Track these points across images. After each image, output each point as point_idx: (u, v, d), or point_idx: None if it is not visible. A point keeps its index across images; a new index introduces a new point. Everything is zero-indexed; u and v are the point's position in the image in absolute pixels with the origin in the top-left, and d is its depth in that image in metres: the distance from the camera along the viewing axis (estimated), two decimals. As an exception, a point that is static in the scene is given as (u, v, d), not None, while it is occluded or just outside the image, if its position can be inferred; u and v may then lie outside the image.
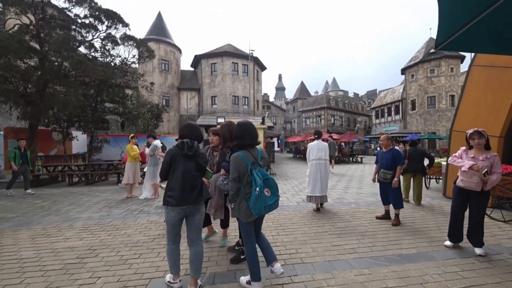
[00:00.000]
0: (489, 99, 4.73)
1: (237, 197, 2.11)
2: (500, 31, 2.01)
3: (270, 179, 2.08)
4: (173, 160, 2.20)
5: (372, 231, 3.63)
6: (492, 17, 1.82)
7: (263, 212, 2.02)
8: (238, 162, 2.06)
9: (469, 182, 2.79)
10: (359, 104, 48.20)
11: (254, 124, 2.31)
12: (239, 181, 2.08)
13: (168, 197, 2.15)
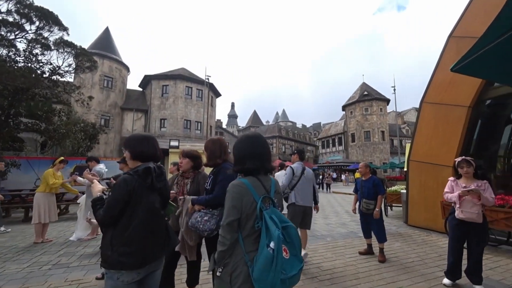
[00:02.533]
0: (440, 132, 5.29)
1: (229, 259, 1.22)
2: (505, 61, 2.01)
3: (291, 228, 1.24)
4: (132, 196, 1.36)
5: (364, 272, 3.16)
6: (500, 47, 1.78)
7: None
8: (241, 194, 1.24)
9: (470, 214, 2.64)
10: (306, 134, 52.40)
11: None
12: (238, 228, 1.24)
13: (124, 256, 1.29)
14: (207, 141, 2.17)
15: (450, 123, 5.09)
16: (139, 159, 1.49)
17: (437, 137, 5.32)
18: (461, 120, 4.91)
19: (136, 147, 1.51)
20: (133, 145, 1.51)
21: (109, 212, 1.33)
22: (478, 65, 1.98)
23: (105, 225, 1.39)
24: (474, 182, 2.72)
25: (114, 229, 1.34)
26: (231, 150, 1.70)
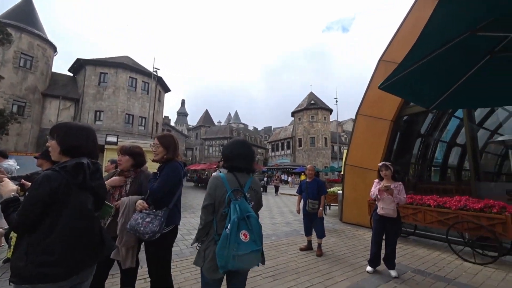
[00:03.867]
0: (370, 141, 6.17)
1: (205, 237, 1.54)
2: (413, 81, 2.46)
3: (253, 218, 1.48)
4: (56, 196, 1.12)
5: (303, 267, 3.40)
6: (420, 68, 2.19)
7: (232, 266, 1.36)
8: (216, 185, 1.55)
9: (388, 210, 3.15)
10: (258, 137, 53.93)
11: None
12: (213, 212, 1.54)
13: (44, 267, 1.07)
14: (167, 136, 2.01)
15: (377, 133, 6.00)
16: (69, 154, 1.22)
17: (367, 145, 6.20)
18: (385, 132, 5.84)
19: (69, 138, 1.23)
20: (65, 136, 1.23)
21: (25, 216, 1.08)
22: (398, 86, 2.39)
23: (20, 232, 1.12)
24: (392, 183, 3.26)
25: (31, 236, 1.09)
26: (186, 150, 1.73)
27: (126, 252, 1.81)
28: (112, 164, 3.02)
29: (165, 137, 1.94)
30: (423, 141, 9.57)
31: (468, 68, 2.35)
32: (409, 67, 2.09)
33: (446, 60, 2.21)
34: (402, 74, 2.13)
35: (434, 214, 4.23)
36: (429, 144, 9.90)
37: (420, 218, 4.47)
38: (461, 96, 2.59)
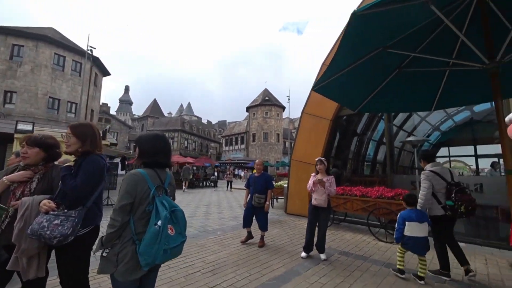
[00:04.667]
0: (313, 138, 6.74)
1: (118, 240, 1.41)
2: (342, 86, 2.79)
3: (179, 211, 1.53)
4: None
5: (244, 258, 3.55)
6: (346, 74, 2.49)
7: (160, 260, 1.39)
8: (136, 182, 1.44)
9: (320, 200, 3.54)
10: (211, 131, 52.85)
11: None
12: (130, 212, 1.42)
13: None
14: (83, 125, 1.77)
15: (319, 131, 6.61)
16: None
17: (310, 142, 6.77)
18: (325, 130, 6.47)
19: None
20: None
21: None
22: (329, 90, 2.68)
23: None
24: (326, 177, 3.66)
25: None
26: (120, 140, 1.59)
27: (28, 262, 1.56)
28: (17, 158, 2.55)
29: (80, 127, 1.72)
30: (359, 139, 10.97)
31: (383, 78, 2.78)
32: (336, 74, 2.35)
33: (367, 70, 2.58)
34: (330, 79, 2.39)
35: (359, 203, 4.93)
36: (363, 142, 11.39)
37: (349, 206, 5.15)
38: (378, 101, 3.04)
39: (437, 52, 2.51)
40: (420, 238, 2.88)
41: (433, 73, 2.79)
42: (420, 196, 3.05)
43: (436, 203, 2.98)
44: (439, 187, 2.99)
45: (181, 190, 14.29)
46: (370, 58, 2.31)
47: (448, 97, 3.02)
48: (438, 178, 3.00)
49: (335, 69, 2.26)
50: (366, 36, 1.95)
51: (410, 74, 2.76)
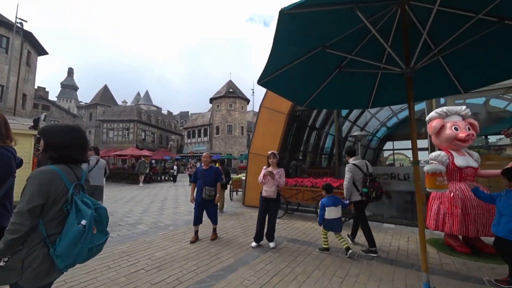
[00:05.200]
0: (271, 131, 6.93)
1: (22, 246, 1.23)
2: (288, 81, 2.91)
3: (102, 209, 1.46)
4: None
5: (194, 253, 3.54)
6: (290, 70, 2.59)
7: (82, 260, 1.34)
8: (50, 181, 1.28)
9: (269, 192, 3.70)
10: (172, 122, 50.36)
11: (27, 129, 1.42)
12: (40, 214, 1.26)
13: None
14: None
15: (276, 125, 6.83)
16: None
17: (268, 135, 6.96)
18: (282, 124, 6.72)
19: None
20: None
21: None
22: (275, 85, 2.76)
23: None
24: (276, 169, 3.83)
25: None
26: (39, 134, 1.44)
27: None
28: None
29: None
30: (317, 133, 11.65)
31: (326, 76, 2.97)
32: (280, 69, 2.44)
33: (312, 67, 2.73)
34: (275, 74, 2.47)
35: (309, 193, 5.30)
36: (321, 136, 12.13)
37: (301, 197, 5.50)
38: (323, 98, 3.25)
39: (371, 55, 2.76)
40: (336, 219, 3.53)
41: (368, 74, 3.09)
42: (344, 185, 3.69)
43: (355, 191, 3.63)
44: (358, 177, 3.62)
45: (137, 185, 13.42)
46: (312, 56, 2.45)
47: (381, 97, 3.38)
48: (357, 170, 3.63)
49: (278, 64, 2.34)
50: (303, 34, 2.06)
51: (350, 73, 3.00)
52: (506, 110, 5.71)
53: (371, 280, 2.74)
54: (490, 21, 2.02)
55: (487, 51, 2.43)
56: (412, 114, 2.19)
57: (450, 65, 2.70)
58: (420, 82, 2.92)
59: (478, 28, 2.03)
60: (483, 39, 2.16)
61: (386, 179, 5.78)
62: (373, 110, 11.12)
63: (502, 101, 5.80)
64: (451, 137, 3.67)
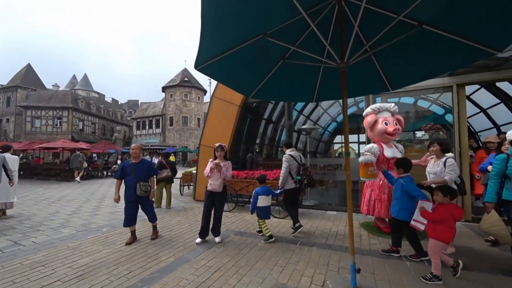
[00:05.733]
0: (223, 123, 6.74)
1: None
2: (231, 70, 2.78)
3: None
4: None
5: (128, 255, 3.21)
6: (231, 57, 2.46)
7: None
8: None
9: (214, 185, 3.57)
10: (118, 111, 45.59)
11: None
12: None
13: None
14: None
15: (228, 116, 6.68)
16: None
17: (220, 127, 6.76)
18: (234, 116, 6.60)
19: None
20: None
21: None
22: (215, 72, 2.59)
23: None
24: (223, 162, 3.71)
25: None
26: None
27: None
28: None
29: None
30: (274, 126, 11.89)
31: (271, 67, 2.93)
32: (218, 56, 2.29)
33: (255, 57, 2.64)
34: (213, 60, 2.31)
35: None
36: (277, 128, 12.42)
37: (251, 189, 5.51)
38: (269, 89, 3.22)
39: (313, 48, 2.80)
40: (266, 207, 3.79)
41: (312, 67, 3.17)
42: (281, 174, 4.02)
43: (290, 179, 4.01)
44: (293, 166, 4.02)
45: (71, 183, 11.76)
46: (254, 43, 2.36)
47: (325, 91, 3.53)
48: (293, 160, 4.02)
49: (216, 49, 2.20)
50: (238, 19, 1.95)
51: (294, 65, 3.03)
52: (429, 110, 6.69)
53: (309, 266, 2.89)
54: (411, 24, 2.22)
55: (410, 53, 2.69)
56: (345, 107, 2.30)
57: (380, 64, 2.93)
58: (356, 78, 3.12)
59: (402, 30, 2.22)
60: (407, 41, 2.38)
61: (330, 170, 6.25)
62: (325, 106, 11.84)
63: (426, 102, 6.80)
64: (382, 131, 4.09)
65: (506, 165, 2.65)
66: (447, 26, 2.13)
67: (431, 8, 2.04)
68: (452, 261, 2.58)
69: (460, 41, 2.16)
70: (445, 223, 2.50)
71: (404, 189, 2.95)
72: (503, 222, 2.68)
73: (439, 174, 3.14)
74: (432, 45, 2.41)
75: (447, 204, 2.53)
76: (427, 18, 2.17)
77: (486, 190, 3.30)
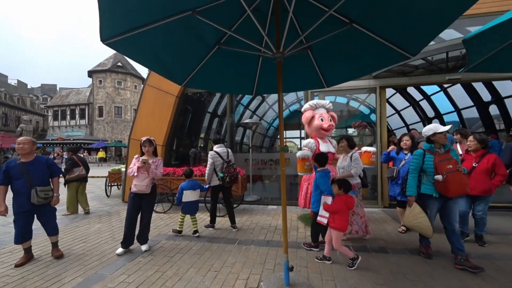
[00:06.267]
0: (156, 115, 6.06)
1: None
2: (156, 51, 2.38)
3: None
4: None
5: (17, 280, 2.50)
6: (153, 34, 2.06)
7: None
8: None
9: (141, 186, 3.09)
10: (27, 97, 37.36)
11: None
12: None
13: None
14: None
15: (164, 108, 6.04)
16: None
17: (153, 119, 6.07)
18: (171, 107, 6.01)
19: None
20: None
21: None
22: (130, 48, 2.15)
23: None
24: (151, 158, 3.25)
25: None
26: None
27: None
28: None
29: None
30: (219, 120, 11.47)
31: (205, 52, 2.64)
32: (134, 30, 1.90)
33: (184, 39, 2.32)
34: (127, 35, 1.90)
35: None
36: (223, 122, 12.05)
37: (189, 187, 5.14)
38: (205, 78, 2.93)
39: (252, 36, 2.61)
40: (192, 202, 3.78)
41: (251, 58, 3.00)
42: (206, 170, 4.04)
43: (215, 176, 4.00)
44: (218, 163, 4.00)
45: None
46: (181, 22, 2.05)
47: (264, 84, 3.43)
48: (217, 156, 4.00)
49: (126, 20, 1.79)
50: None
51: (233, 54, 2.81)
52: (358, 109, 7.46)
53: (245, 267, 2.78)
54: (343, 21, 2.27)
55: (344, 51, 2.77)
56: (280, 99, 2.22)
57: (317, 60, 2.98)
58: (293, 73, 3.12)
59: (335, 26, 2.25)
60: (341, 38, 2.43)
61: (271, 165, 6.36)
62: (270, 101, 12.07)
63: (356, 102, 7.60)
64: (318, 126, 4.28)
65: (423, 159, 2.82)
66: (373, 27, 2.24)
67: (359, 7, 2.10)
68: (353, 253, 2.72)
69: (384, 43, 2.31)
70: (341, 213, 2.73)
71: (316, 183, 3.12)
72: (425, 214, 2.79)
73: (347, 168, 3.37)
74: (361, 45, 2.53)
75: (341, 195, 2.78)
76: (356, 16, 2.24)
77: (390, 184, 3.77)
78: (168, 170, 5.72)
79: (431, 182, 2.73)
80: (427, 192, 2.78)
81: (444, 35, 6.08)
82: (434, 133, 2.71)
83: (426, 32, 2.09)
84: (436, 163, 2.67)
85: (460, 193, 2.66)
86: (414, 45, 2.28)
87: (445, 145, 2.76)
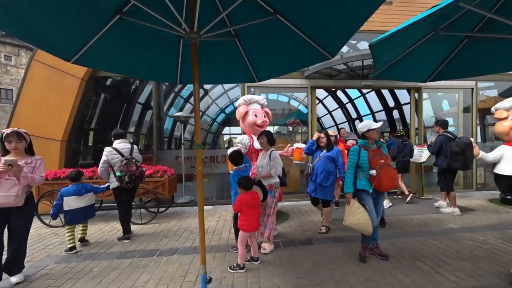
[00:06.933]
0: (52, 100, 4.79)
1: None
2: (24, 13, 1.73)
3: None
4: None
5: None
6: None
7: None
8: None
9: (6, 198, 2.27)
10: None
11: None
12: None
13: None
14: None
15: (63, 92, 4.84)
16: None
17: (47, 106, 4.79)
18: (74, 92, 4.86)
19: None
20: None
21: None
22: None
23: None
24: (24, 158, 2.44)
25: None
26: None
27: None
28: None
29: None
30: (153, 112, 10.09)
31: (100, 22, 2.09)
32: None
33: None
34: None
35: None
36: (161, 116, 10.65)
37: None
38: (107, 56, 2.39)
39: (163, 9, 2.11)
40: (78, 209, 3.23)
41: (171, 39, 2.54)
42: (99, 169, 3.52)
43: (113, 176, 3.48)
44: (115, 161, 3.46)
45: None
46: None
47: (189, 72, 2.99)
48: (115, 153, 3.48)
49: None
50: None
51: (146, 30, 2.30)
52: (297, 108, 7.79)
53: (162, 283, 2.42)
54: (268, 10, 2.11)
55: (271, 44, 2.66)
56: (196, 90, 1.92)
57: (246, 51, 2.77)
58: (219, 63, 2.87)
59: (260, 14, 2.08)
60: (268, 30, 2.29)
61: (205, 163, 5.98)
62: (213, 96, 11.48)
63: (296, 102, 7.99)
64: (252, 122, 4.15)
65: (359, 155, 2.82)
66: (297, 22, 2.17)
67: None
68: (243, 261, 2.68)
69: (307, 40, 2.27)
70: (243, 213, 2.67)
71: (232, 182, 3.06)
72: (364, 208, 2.74)
73: (265, 167, 3.10)
74: (287, 40, 2.43)
75: (242, 193, 2.70)
76: (280, 7, 2.11)
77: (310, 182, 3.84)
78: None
79: (366, 178, 2.80)
80: (363, 188, 2.82)
81: (360, 45, 6.95)
82: (368, 129, 2.81)
83: (342, 33, 2.14)
84: (370, 158, 2.76)
85: (391, 187, 2.82)
86: (332, 45, 2.31)
87: (377, 141, 2.90)
